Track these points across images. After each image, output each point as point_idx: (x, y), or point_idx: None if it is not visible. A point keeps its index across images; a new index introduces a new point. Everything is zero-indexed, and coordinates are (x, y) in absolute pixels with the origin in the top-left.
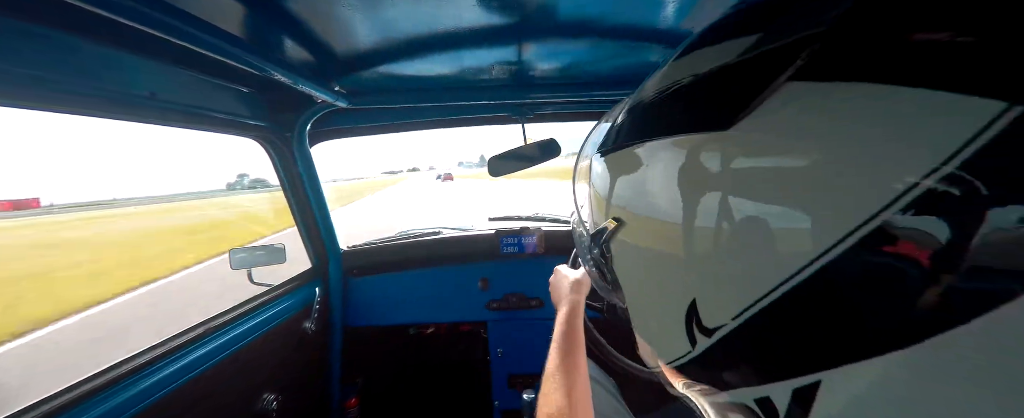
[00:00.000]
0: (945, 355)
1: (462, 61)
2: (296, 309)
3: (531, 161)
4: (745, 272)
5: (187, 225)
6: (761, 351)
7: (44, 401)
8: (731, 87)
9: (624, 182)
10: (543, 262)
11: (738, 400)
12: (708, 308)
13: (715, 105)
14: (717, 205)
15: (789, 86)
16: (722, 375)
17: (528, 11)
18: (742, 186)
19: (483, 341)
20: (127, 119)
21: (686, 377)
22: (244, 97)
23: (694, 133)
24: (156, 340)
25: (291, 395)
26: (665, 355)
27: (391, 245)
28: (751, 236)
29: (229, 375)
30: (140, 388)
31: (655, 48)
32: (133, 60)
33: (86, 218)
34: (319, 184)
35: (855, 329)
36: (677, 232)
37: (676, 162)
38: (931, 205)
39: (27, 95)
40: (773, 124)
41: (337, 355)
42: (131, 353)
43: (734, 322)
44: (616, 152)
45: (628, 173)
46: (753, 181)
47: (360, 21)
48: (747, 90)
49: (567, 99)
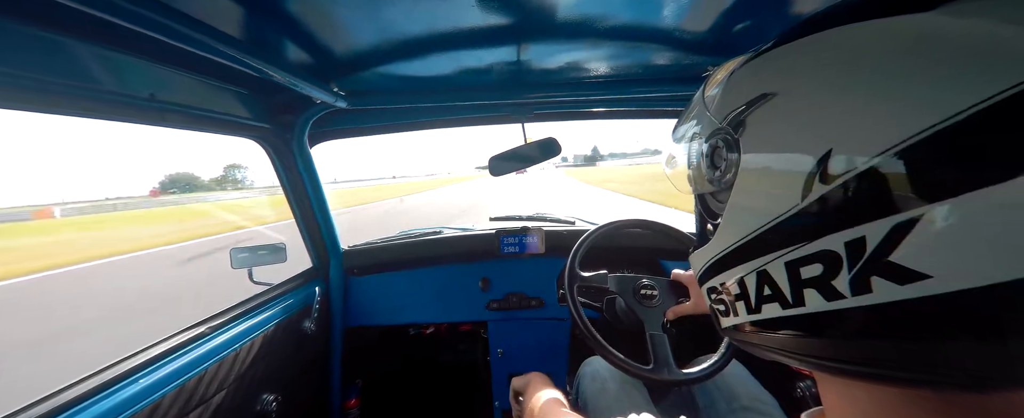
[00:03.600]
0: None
1: (461, 61)
2: (296, 309)
3: (531, 161)
4: (908, 108)
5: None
6: (882, 189)
7: (42, 400)
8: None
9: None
10: (544, 262)
11: (827, 247)
12: (848, 150)
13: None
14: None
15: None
16: (824, 221)
17: (528, 11)
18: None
19: (483, 341)
20: (127, 121)
21: (772, 240)
22: (244, 98)
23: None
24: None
25: (291, 395)
26: (772, 212)
27: (392, 245)
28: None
29: (229, 375)
30: (139, 387)
31: (655, 48)
32: (132, 62)
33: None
34: (320, 184)
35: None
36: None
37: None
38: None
39: (27, 97)
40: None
41: (337, 355)
42: (127, 353)
43: (869, 162)
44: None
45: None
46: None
47: (359, 22)
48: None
49: (567, 98)
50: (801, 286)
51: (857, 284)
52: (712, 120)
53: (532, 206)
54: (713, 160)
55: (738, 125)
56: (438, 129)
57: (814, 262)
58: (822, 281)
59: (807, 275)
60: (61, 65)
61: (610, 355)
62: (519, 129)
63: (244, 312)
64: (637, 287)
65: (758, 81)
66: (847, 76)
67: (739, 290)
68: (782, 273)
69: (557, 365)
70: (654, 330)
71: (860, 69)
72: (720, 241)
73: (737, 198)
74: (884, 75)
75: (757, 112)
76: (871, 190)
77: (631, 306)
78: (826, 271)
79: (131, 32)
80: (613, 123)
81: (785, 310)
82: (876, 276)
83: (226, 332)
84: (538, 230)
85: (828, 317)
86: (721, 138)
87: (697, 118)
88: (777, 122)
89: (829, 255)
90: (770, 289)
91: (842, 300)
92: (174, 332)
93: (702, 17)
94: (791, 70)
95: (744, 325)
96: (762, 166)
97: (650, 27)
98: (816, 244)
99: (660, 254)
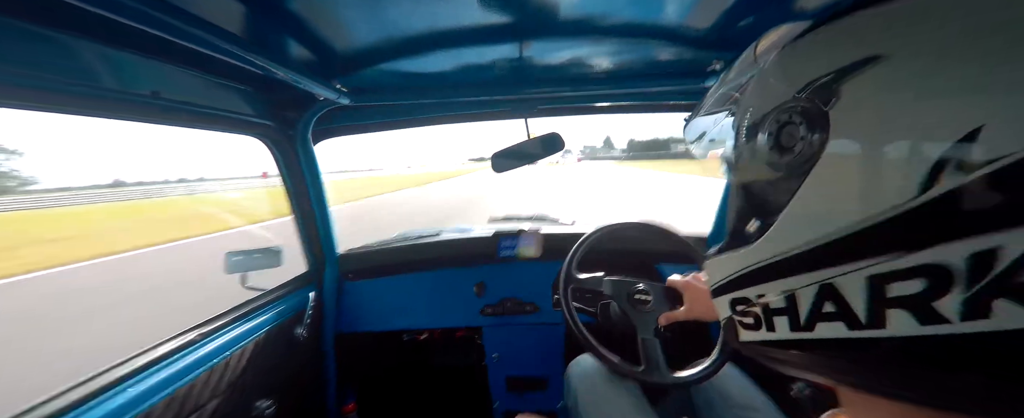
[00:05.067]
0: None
1: (464, 57)
2: (288, 315)
3: (534, 157)
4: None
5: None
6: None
7: (29, 410)
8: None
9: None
10: (540, 266)
11: (939, 260)
12: (999, 134)
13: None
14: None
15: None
16: (948, 224)
17: (530, 7)
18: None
19: (478, 347)
20: (130, 119)
21: (851, 246)
22: (247, 96)
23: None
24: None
25: (287, 400)
26: (870, 207)
27: (389, 248)
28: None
29: (222, 381)
30: (129, 396)
31: (658, 44)
32: (135, 60)
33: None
34: (321, 183)
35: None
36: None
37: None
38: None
39: (29, 96)
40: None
41: (331, 360)
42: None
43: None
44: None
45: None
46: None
47: (362, 19)
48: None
49: (570, 94)
50: (884, 305)
51: (972, 307)
52: (778, 88)
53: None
54: (780, 140)
55: (828, 96)
56: (441, 125)
57: (913, 277)
58: (920, 301)
59: (898, 293)
60: (65, 64)
61: (603, 357)
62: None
63: (236, 318)
64: (632, 292)
65: (857, 41)
66: (1004, 31)
67: (785, 305)
68: (859, 289)
69: (552, 370)
70: (646, 334)
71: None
72: (772, 244)
73: (812, 189)
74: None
75: (857, 80)
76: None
77: (625, 310)
78: (929, 289)
79: (135, 30)
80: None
81: (852, 332)
82: (1003, 298)
83: (218, 338)
84: (535, 232)
85: (914, 343)
86: (796, 112)
87: (753, 89)
88: (891, 92)
89: (938, 270)
90: (835, 306)
91: (943, 325)
92: (164, 338)
93: (707, 12)
94: (911, 27)
95: (780, 342)
96: (861, 148)
97: (653, 22)
98: (923, 255)
99: (657, 258)
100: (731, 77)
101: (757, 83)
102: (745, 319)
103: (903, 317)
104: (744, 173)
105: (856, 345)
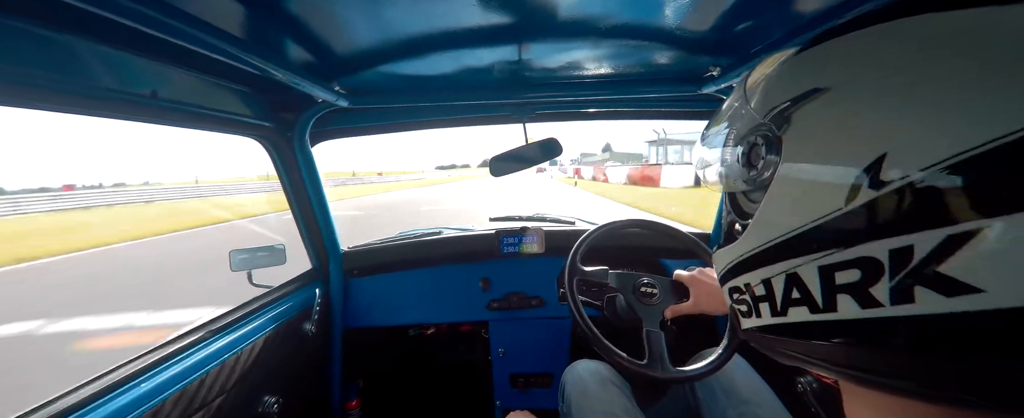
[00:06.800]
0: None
1: (463, 60)
2: (296, 311)
3: (532, 161)
4: (970, 119)
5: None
6: (939, 200)
7: (43, 406)
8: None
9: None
10: (544, 262)
11: (868, 253)
12: (904, 157)
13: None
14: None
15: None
16: (869, 227)
17: (529, 10)
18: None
19: (484, 341)
20: (128, 119)
21: (807, 243)
22: (245, 97)
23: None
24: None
25: (292, 397)
26: (811, 214)
27: (392, 245)
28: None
29: (230, 378)
30: (141, 392)
31: (655, 49)
32: (134, 60)
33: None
34: (320, 184)
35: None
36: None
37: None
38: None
39: (28, 95)
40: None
41: (337, 356)
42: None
43: (927, 172)
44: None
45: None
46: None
47: (360, 21)
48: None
49: (568, 98)
50: (834, 291)
51: (898, 293)
52: (753, 115)
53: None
54: (750, 158)
55: (782, 122)
56: (439, 129)
57: (852, 268)
58: (859, 288)
59: (842, 280)
60: (63, 63)
61: (607, 350)
62: (520, 129)
63: (245, 315)
64: (637, 285)
65: (810, 74)
66: (910, 75)
67: (764, 291)
68: (814, 277)
69: (557, 367)
70: (651, 327)
71: (925, 68)
72: (749, 241)
73: (772, 198)
74: (950, 78)
75: (805, 108)
76: (927, 200)
77: (631, 303)
78: (864, 277)
79: (133, 30)
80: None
81: (813, 315)
82: (921, 286)
83: (228, 335)
84: (538, 230)
85: (860, 325)
86: (761, 135)
87: (735, 113)
88: (827, 120)
89: (869, 261)
90: (799, 292)
91: (879, 308)
92: (175, 336)
93: (704, 17)
94: (848, 65)
95: (767, 327)
96: (804, 167)
97: (652, 27)
98: (856, 249)
99: (661, 254)
100: (724, 111)
101: (740, 109)
102: (741, 307)
103: (849, 301)
104: (728, 184)
105: (818, 327)
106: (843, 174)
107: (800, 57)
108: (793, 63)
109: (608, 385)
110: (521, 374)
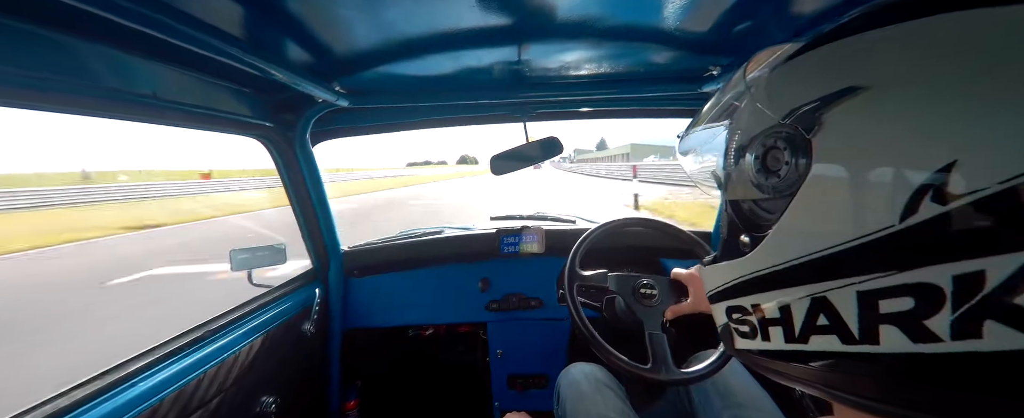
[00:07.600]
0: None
1: (463, 60)
2: (296, 311)
3: (532, 160)
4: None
5: None
6: (1020, 219)
7: (39, 405)
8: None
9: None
10: (543, 262)
11: (926, 279)
12: (978, 166)
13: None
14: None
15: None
16: (929, 248)
17: (529, 10)
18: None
19: (482, 342)
20: (129, 119)
21: (845, 265)
22: (246, 97)
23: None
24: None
25: (290, 397)
26: (850, 231)
27: (392, 245)
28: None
29: (228, 377)
30: (138, 391)
31: (655, 48)
32: (135, 61)
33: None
34: (321, 183)
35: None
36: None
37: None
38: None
39: (29, 96)
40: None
41: (336, 357)
42: (127, 357)
43: (998, 186)
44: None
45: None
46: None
47: (360, 21)
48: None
49: (569, 97)
50: (877, 321)
51: (962, 326)
52: (766, 114)
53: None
54: (766, 163)
55: (811, 123)
56: (439, 128)
57: (902, 295)
58: (910, 318)
59: (889, 309)
60: (64, 64)
61: (608, 354)
62: (520, 128)
63: (244, 315)
64: (637, 286)
65: (840, 70)
66: (990, 71)
67: (779, 316)
68: (850, 303)
69: (556, 366)
70: (653, 329)
71: (1004, 59)
72: (762, 258)
73: (798, 212)
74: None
75: (840, 109)
76: (1005, 218)
77: (630, 305)
78: (919, 307)
79: (134, 31)
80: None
81: (846, 346)
82: (992, 320)
83: (227, 335)
84: (538, 229)
85: (908, 360)
86: (782, 137)
87: (738, 109)
88: (872, 122)
89: (927, 289)
90: (828, 319)
91: (935, 343)
92: (174, 335)
93: (704, 17)
94: (896, 60)
95: (775, 353)
96: (843, 177)
97: (652, 27)
98: (910, 275)
99: (661, 253)
100: (720, 97)
101: (745, 106)
102: (741, 327)
103: (896, 334)
104: (734, 191)
105: (851, 359)
106: (896, 186)
107: (824, 50)
108: (816, 57)
109: (603, 388)
110: (519, 375)
